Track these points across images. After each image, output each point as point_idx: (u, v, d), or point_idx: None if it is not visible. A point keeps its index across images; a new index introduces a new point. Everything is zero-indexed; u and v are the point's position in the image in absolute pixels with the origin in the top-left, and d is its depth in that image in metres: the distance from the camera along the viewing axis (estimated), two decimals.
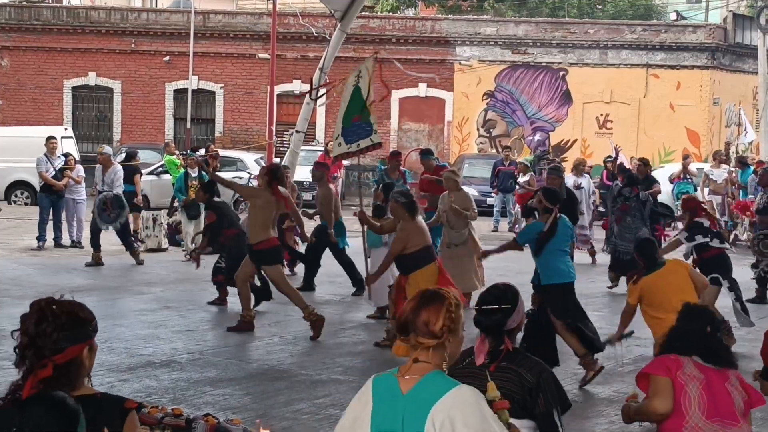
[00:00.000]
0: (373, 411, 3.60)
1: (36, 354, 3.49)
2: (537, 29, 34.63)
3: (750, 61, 34.32)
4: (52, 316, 3.54)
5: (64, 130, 26.66)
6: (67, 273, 15.58)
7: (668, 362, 5.09)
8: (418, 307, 3.60)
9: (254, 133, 34.33)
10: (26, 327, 3.55)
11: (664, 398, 4.99)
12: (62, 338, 3.51)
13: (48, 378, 3.45)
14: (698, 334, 5.15)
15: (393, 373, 3.65)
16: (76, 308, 3.63)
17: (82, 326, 3.60)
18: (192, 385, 9.12)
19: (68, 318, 3.57)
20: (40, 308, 3.57)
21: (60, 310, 3.57)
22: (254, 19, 35.30)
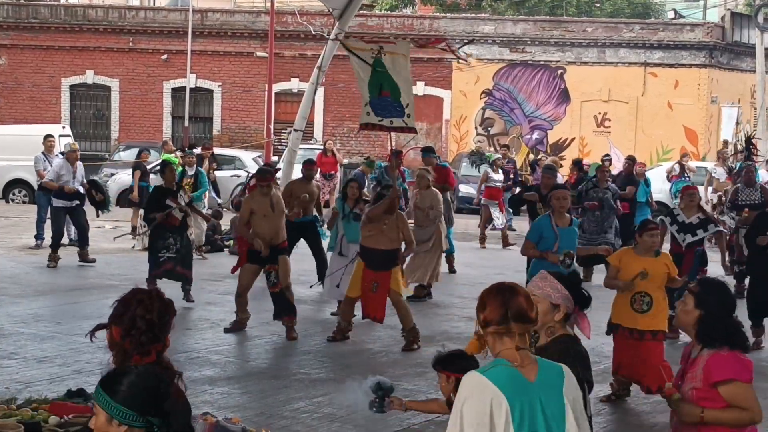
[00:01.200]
0: (510, 406, 3.60)
1: (151, 340, 3.67)
2: (535, 28, 34.62)
3: (748, 60, 34.34)
4: (168, 306, 3.77)
5: (61, 129, 26.64)
6: (65, 271, 15.56)
7: (746, 363, 4.77)
8: (507, 298, 3.74)
9: (252, 132, 34.33)
10: (141, 314, 3.67)
11: (758, 406, 4.75)
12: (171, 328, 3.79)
13: (151, 363, 3.59)
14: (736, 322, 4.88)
15: (506, 365, 3.68)
16: (172, 301, 3.87)
17: (174, 317, 3.84)
18: (190, 384, 9.04)
19: (174, 309, 3.83)
20: (154, 298, 3.74)
21: (169, 301, 3.80)
22: (252, 17, 35.29)
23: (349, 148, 34.11)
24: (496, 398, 3.59)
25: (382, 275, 10.87)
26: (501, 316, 3.70)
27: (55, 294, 13.61)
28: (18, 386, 8.69)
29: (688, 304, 4.88)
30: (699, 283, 5.08)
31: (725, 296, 4.92)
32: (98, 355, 10.01)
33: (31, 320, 11.82)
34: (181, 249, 13.08)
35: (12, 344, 10.50)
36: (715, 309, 4.82)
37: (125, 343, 3.69)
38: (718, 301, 4.86)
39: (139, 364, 3.49)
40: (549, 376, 3.72)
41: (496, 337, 3.72)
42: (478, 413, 3.59)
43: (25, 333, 11.11)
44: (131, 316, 3.68)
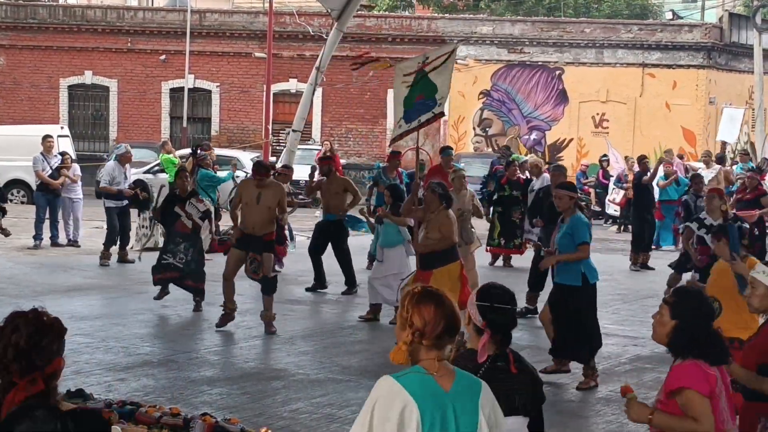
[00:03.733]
0: (420, 411, 3.57)
1: (26, 367, 3.39)
2: (533, 28, 34.65)
3: (746, 61, 34.37)
4: (44, 327, 3.47)
5: (60, 129, 26.64)
6: (63, 272, 15.57)
7: (708, 377, 4.62)
8: (446, 311, 3.68)
9: (250, 132, 34.34)
10: (15, 340, 3.42)
11: (710, 421, 4.59)
12: (54, 350, 3.46)
13: (39, 392, 3.37)
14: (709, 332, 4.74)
15: (420, 373, 3.64)
16: (59, 319, 3.56)
17: (64, 336, 3.55)
18: (189, 385, 9.13)
19: (58, 329, 3.52)
20: (29, 321, 3.48)
21: (50, 321, 3.51)
22: (250, 17, 35.30)
23: (347, 149, 34.13)
24: (408, 405, 3.57)
25: (425, 275, 10.75)
26: (441, 330, 3.64)
27: (53, 294, 13.60)
28: None
29: (663, 315, 4.77)
30: (674, 293, 4.94)
31: (701, 305, 4.81)
32: (97, 356, 10.03)
33: None
34: (190, 261, 12.79)
35: None
36: (689, 318, 4.70)
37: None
38: (692, 310, 4.74)
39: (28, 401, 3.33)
40: (465, 386, 3.70)
41: (426, 347, 3.66)
42: (388, 418, 3.56)
43: None
44: (4, 344, 3.44)
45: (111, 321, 11.82)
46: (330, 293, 14.41)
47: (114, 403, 7.16)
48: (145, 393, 8.62)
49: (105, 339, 10.78)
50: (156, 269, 12.95)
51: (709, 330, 4.74)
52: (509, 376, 4.39)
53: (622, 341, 11.66)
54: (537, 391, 4.52)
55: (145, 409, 7.21)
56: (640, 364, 10.52)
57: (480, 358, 4.36)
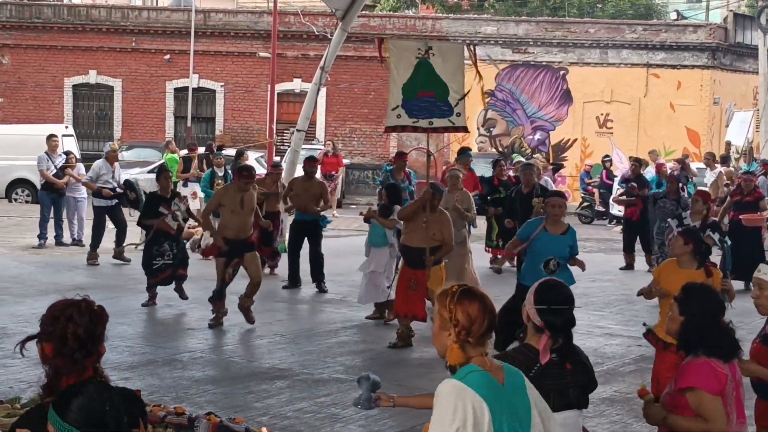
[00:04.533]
0: (490, 408, 3.63)
1: (85, 356, 3.51)
2: (537, 28, 34.64)
3: (750, 61, 34.33)
4: (97, 316, 3.57)
5: (64, 128, 26.66)
6: (68, 271, 15.59)
7: (719, 375, 4.65)
8: (487, 308, 3.74)
9: (255, 132, 34.35)
10: (72, 330, 3.51)
11: (723, 416, 4.64)
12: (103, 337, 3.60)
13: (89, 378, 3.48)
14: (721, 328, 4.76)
15: (478, 371, 3.69)
16: (102, 307, 3.66)
17: (106, 324, 3.66)
18: (194, 384, 9.15)
19: (106, 317, 3.63)
20: (83, 310, 3.56)
21: (99, 310, 3.61)
22: (255, 17, 35.31)
23: (351, 149, 34.14)
24: (478, 404, 3.61)
25: (421, 273, 10.85)
26: (486, 327, 3.70)
27: (58, 294, 13.54)
28: (22, 386, 8.71)
29: (674, 311, 4.88)
30: (682, 290, 5.00)
31: (708, 301, 4.84)
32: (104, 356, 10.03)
33: (34, 320, 11.75)
34: (177, 254, 13.19)
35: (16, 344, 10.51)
36: (696, 314, 4.75)
37: (57, 361, 3.53)
38: (700, 306, 4.79)
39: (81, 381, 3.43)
40: (514, 381, 3.79)
41: (469, 344, 3.70)
42: (467, 418, 3.58)
43: (28, 333, 11.11)
44: (61, 333, 3.52)
45: (115, 320, 11.76)
46: (332, 293, 14.42)
47: None
48: (150, 392, 8.63)
49: (110, 338, 10.70)
50: (150, 275, 13.06)
51: (719, 326, 4.77)
52: (563, 371, 4.51)
53: (626, 341, 11.67)
54: (591, 381, 4.70)
55: (150, 408, 7.22)
56: (645, 364, 10.50)
57: (542, 359, 4.46)
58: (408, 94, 10.67)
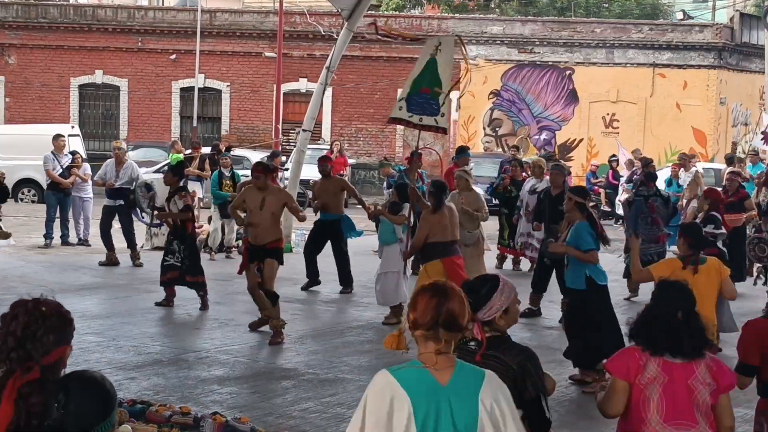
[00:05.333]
0: (413, 404, 3.58)
1: (23, 356, 3.41)
2: (543, 28, 34.61)
3: (757, 61, 34.25)
4: (42, 318, 3.46)
5: (70, 128, 26.68)
6: (74, 271, 15.60)
7: (630, 361, 4.85)
8: (440, 303, 3.65)
9: (260, 132, 34.37)
10: (13, 329, 3.43)
11: (616, 402, 4.86)
12: (52, 341, 3.45)
13: (33, 380, 3.37)
14: (666, 322, 4.85)
15: (416, 366, 3.65)
16: (62, 309, 3.55)
17: (68, 327, 3.55)
18: (200, 384, 9.15)
19: (58, 319, 3.50)
20: (28, 310, 3.47)
21: (50, 312, 3.49)
22: (261, 17, 35.33)
23: (356, 149, 34.14)
24: (398, 398, 3.57)
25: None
26: (431, 321, 3.63)
27: (63, 293, 13.61)
28: None
29: None
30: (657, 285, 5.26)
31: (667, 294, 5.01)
32: (107, 355, 10.05)
33: None
34: (185, 258, 12.74)
35: None
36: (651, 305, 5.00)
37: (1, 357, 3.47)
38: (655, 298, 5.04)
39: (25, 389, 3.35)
40: (464, 381, 3.64)
41: (422, 339, 3.67)
42: (378, 410, 3.59)
43: None
44: (4, 332, 3.47)
45: (121, 320, 11.84)
46: (337, 293, 14.41)
47: (124, 402, 7.18)
48: (156, 392, 8.64)
49: (115, 338, 10.80)
50: (162, 271, 12.97)
51: (667, 320, 4.84)
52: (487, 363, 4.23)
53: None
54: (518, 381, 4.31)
55: (156, 407, 7.24)
56: None
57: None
58: (414, 88, 10.66)
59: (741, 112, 34.84)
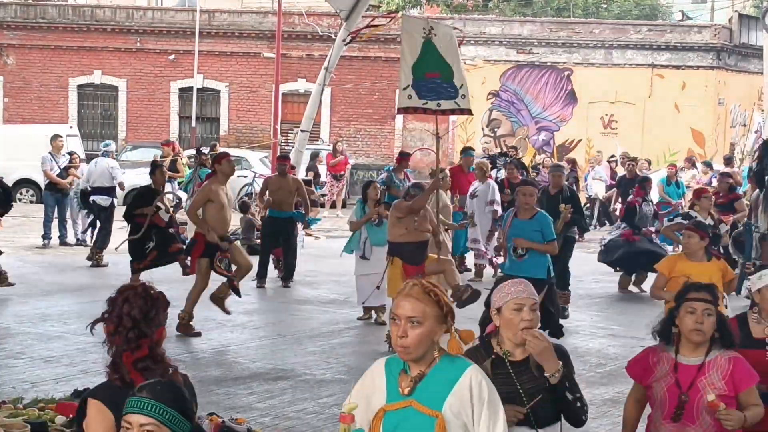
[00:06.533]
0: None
1: (138, 335, 3.82)
2: (542, 29, 34.61)
3: (755, 62, 34.23)
4: (153, 300, 3.89)
5: (69, 129, 26.69)
6: (72, 271, 15.59)
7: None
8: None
9: (259, 132, 34.35)
10: (127, 311, 3.84)
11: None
12: (160, 321, 3.91)
13: (144, 357, 3.80)
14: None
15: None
16: (162, 293, 3.99)
17: (166, 309, 3.98)
18: (196, 384, 9.02)
19: (164, 301, 3.96)
20: (139, 294, 3.89)
21: (156, 294, 3.93)
22: (259, 17, 35.32)
23: (355, 149, 34.13)
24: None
25: (421, 267, 10.77)
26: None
27: (62, 294, 13.63)
28: (25, 386, 8.72)
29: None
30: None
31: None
32: (105, 355, 10.02)
33: (38, 320, 11.85)
34: (160, 237, 13.14)
35: (19, 344, 10.54)
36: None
37: (115, 340, 3.88)
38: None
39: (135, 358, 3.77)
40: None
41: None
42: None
43: (32, 333, 11.14)
44: (118, 313, 3.87)
45: None
46: (335, 294, 14.42)
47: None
48: None
49: None
50: (140, 257, 13.05)
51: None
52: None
53: (629, 342, 11.65)
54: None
55: None
56: None
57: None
58: (417, 74, 10.48)
59: (739, 113, 34.83)
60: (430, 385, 3.74)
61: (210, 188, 11.58)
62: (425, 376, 3.75)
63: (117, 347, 3.86)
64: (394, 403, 3.76)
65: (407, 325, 3.73)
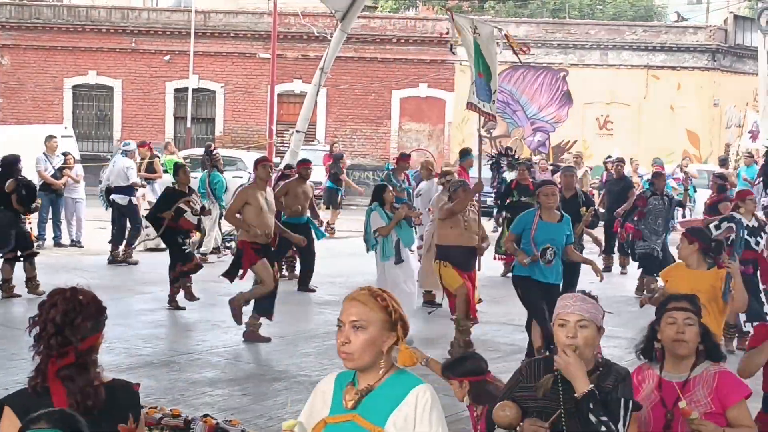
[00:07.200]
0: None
1: (61, 342, 3.64)
2: (538, 30, 34.62)
3: (750, 63, 34.27)
4: (80, 306, 3.69)
5: (64, 129, 26.58)
6: (66, 272, 15.54)
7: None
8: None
9: (254, 133, 34.34)
10: (52, 316, 3.66)
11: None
12: (89, 327, 3.69)
13: (70, 364, 3.62)
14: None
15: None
16: (97, 297, 3.81)
17: (102, 315, 3.79)
18: (191, 386, 9.12)
19: (94, 308, 3.75)
20: (67, 298, 3.70)
21: (86, 300, 3.73)
22: (255, 18, 35.29)
23: (351, 150, 34.10)
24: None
25: (471, 274, 10.63)
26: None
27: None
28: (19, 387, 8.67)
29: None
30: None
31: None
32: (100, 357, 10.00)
33: None
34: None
35: (14, 345, 10.50)
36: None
37: (40, 345, 3.72)
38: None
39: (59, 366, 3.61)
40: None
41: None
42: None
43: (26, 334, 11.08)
44: (44, 318, 3.70)
45: (113, 321, 11.69)
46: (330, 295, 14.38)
47: None
48: (147, 394, 8.58)
49: (107, 339, 10.61)
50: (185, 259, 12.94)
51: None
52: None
53: (624, 343, 11.60)
54: None
55: (146, 410, 7.20)
56: None
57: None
58: (476, 72, 10.53)
59: (734, 114, 34.86)
60: (377, 400, 3.57)
61: (246, 192, 11.40)
62: (372, 391, 3.58)
63: (43, 353, 3.68)
64: (336, 416, 3.60)
65: (350, 330, 3.55)
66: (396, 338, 3.58)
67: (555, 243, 9.71)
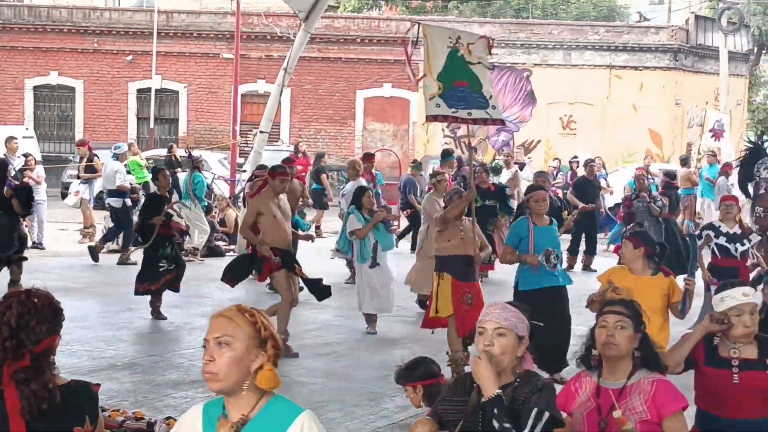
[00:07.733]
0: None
1: (16, 345, 3.58)
2: (501, 30, 34.71)
3: (711, 63, 34.62)
4: (34, 308, 3.64)
5: (25, 130, 26.34)
6: (28, 274, 15.29)
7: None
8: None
9: (218, 133, 34.18)
10: (7, 319, 3.61)
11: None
12: (44, 330, 3.63)
13: (26, 367, 3.57)
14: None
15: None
16: (53, 299, 3.74)
17: (59, 317, 3.72)
18: (154, 388, 9.04)
19: (49, 310, 3.68)
20: (21, 301, 3.65)
21: (41, 303, 3.67)
22: (218, 18, 35.15)
23: (315, 150, 34.02)
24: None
25: (474, 285, 10.10)
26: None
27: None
28: None
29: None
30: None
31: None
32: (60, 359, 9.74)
33: None
34: (176, 258, 12.58)
35: None
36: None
37: None
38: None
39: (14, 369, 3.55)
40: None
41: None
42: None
43: None
44: None
45: (75, 324, 11.65)
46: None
47: None
48: (109, 397, 8.50)
49: (68, 342, 10.61)
50: (154, 278, 12.28)
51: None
52: None
53: None
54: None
55: (109, 413, 7.14)
56: None
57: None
58: (447, 84, 10.34)
59: (696, 114, 35.12)
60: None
61: (257, 202, 10.84)
62: (248, 422, 3.27)
63: None
64: None
65: (215, 348, 3.30)
66: (266, 358, 3.32)
67: (555, 246, 9.47)
